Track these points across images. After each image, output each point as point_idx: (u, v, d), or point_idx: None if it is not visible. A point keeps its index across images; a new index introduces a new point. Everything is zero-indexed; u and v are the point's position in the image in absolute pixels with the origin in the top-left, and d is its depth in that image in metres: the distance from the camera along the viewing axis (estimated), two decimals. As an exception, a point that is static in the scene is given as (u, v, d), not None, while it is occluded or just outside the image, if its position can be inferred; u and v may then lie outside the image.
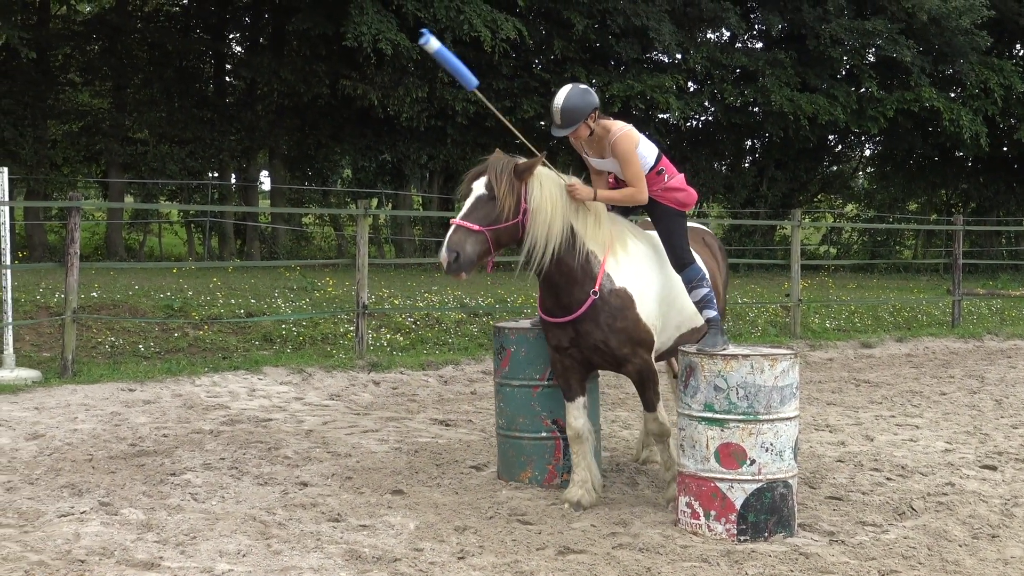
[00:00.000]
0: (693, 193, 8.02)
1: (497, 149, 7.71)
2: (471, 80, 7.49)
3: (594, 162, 7.96)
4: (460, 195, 7.60)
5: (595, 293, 7.54)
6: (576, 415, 7.92)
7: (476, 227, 7.33)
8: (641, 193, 7.71)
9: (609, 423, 10.80)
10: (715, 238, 9.03)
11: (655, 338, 7.83)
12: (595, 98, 7.65)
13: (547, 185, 7.54)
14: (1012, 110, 35.54)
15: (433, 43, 7.41)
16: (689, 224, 8.50)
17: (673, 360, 8.97)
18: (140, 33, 30.72)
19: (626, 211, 8.22)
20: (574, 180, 7.67)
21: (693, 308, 7.93)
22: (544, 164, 7.59)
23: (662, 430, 8.00)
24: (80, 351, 13.13)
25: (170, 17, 32.56)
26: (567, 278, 7.57)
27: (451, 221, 7.41)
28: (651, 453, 9.17)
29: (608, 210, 7.91)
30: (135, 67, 30.74)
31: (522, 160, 7.56)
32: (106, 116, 29.90)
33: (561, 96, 7.59)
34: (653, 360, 7.90)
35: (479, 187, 7.47)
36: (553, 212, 7.50)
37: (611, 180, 8.13)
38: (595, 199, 7.67)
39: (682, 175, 8.07)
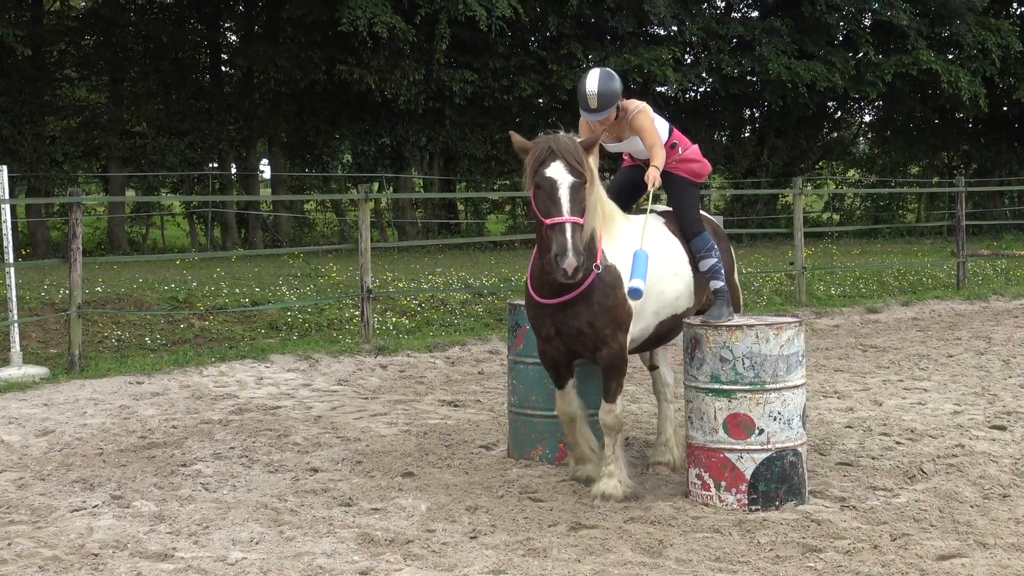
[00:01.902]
0: (707, 164, 8.07)
1: (512, 133, 7.33)
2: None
3: (609, 146, 7.94)
4: (533, 184, 6.92)
5: (598, 267, 7.19)
6: (569, 400, 7.67)
7: (581, 220, 6.85)
8: (663, 151, 7.67)
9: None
10: (708, 221, 8.46)
11: (632, 323, 7.48)
12: (620, 81, 7.59)
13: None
14: (1011, 70, 35.39)
15: (641, 287, 7.18)
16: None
17: (657, 353, 8.63)
18: (134, 26, 30.65)
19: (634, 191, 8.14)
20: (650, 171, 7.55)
21: (673, 294, 7.73)
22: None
23: (617, 423, 7.51)
24: (87, 346, 13.14)
25: (164, 8, 32.48)
26: None
27: (561, 220, 6.73)
28: (660, 453, 8.43)
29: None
30: (131, 60, 30.70)
31: (569, 134, 7.15)
32: (104, 110, 29.87)
33: (594, 81, 7.46)
34: (627, 348, 7.54)
35: (562, 174, 6.84)
36: (599, 184, 7.32)
37: (627, 159, 8.15)
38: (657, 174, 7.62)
39: (696, 146, 8.08)
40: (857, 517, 6.94)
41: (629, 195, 8.22)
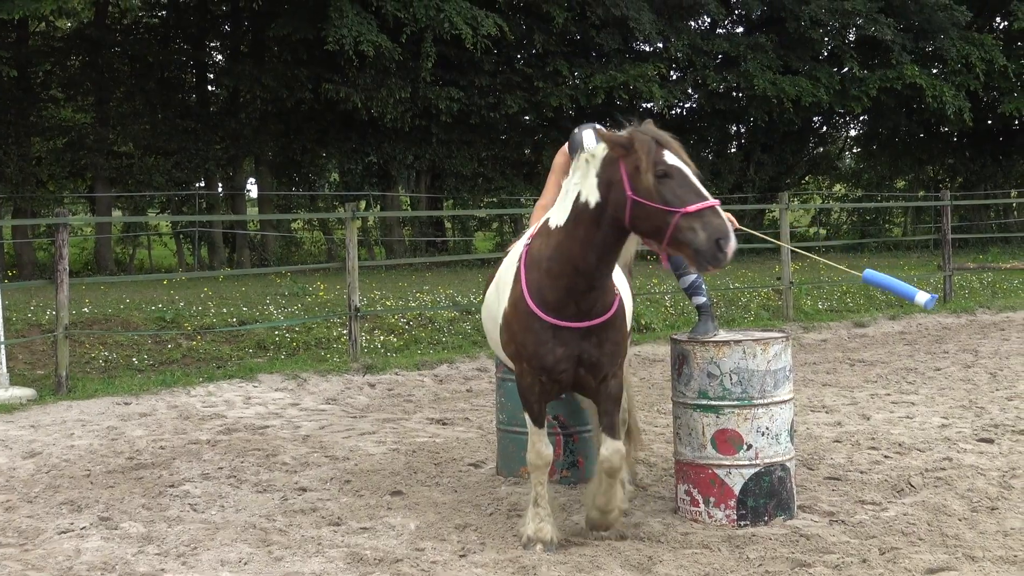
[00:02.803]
0: None
1: (599, 128, 6.67)
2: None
3: None
4: (657, 173, 6.08)
5: (617, 292, 6.72)
6: (547, 442, 6.89)
7: None
8: None
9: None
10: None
11: None
12: None
13: None
14: (994, 84, 35.58)
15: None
16: None
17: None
18: (120, 46, 30.65)
19: None
20: None
21: (630, 312, 7.26)
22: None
23: (623, 462, 6.91)
24: (74, 367, 13.11)
25: (149, 29, 32.48)
26: (607, 277, 6.57)
27: (711, 203, 6.01)
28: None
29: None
30: (117, 80, 30.69)
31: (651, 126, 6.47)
32: (90, 131, 29.84)
33: (592, 142, 6.99)
34: None
35: (680, 163, 6.18)
36: None
37: None
38: None
39: None
40: (846, 531, 6.95)
41: None
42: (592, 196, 6.37)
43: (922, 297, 6.95)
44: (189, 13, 32.14)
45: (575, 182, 6.54)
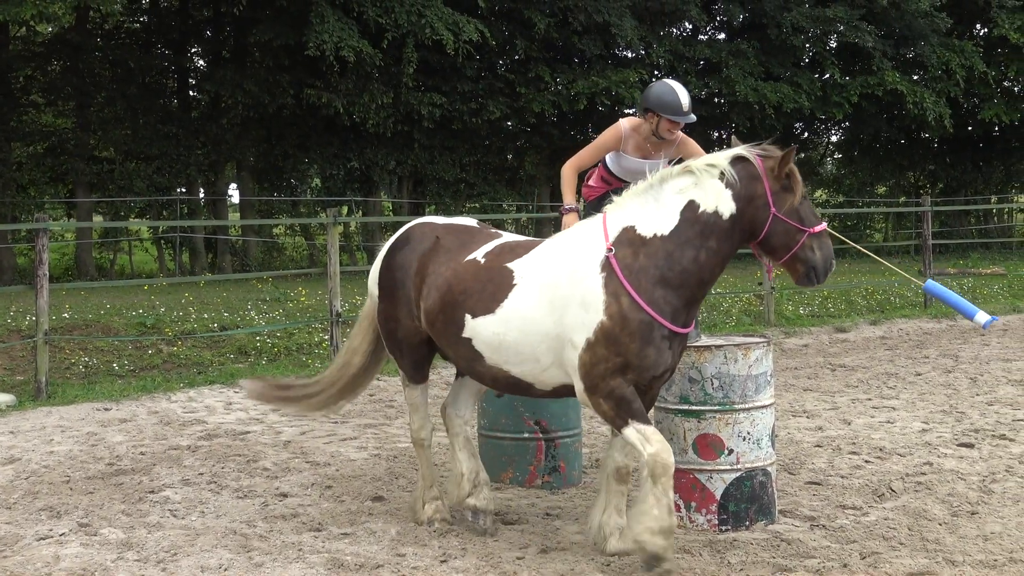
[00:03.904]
0: None
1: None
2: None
3: (636, 163, 7.73)
4: (803, 194, 6.42)
5: None
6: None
7: None
8: None
9: (588, 419, 10.80)
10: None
11: None
12: None
13: None
14: (974, 90, 35.77)
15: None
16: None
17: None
18: (101, 51, 30.56)
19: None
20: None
21: None
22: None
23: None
24: (54, 373, 13.05)
25: (131, 34, 32.37)
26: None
27: (825, 225, 6.46)
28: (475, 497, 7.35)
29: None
30: (98, 85, 30.57)
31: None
32: (70, 136, 29.72)
33: (683, 91, 7.56)
34: None
35: None
36: None
37: (596, 184, 8.02)
38: None
39: None
40: (827, 536, 6.96)
41: None
42: (726, 208, 6.40)
43: (982, 317, 6.95)
44: (171, 18, 32.04)
45: (677, 189, 6.48)
